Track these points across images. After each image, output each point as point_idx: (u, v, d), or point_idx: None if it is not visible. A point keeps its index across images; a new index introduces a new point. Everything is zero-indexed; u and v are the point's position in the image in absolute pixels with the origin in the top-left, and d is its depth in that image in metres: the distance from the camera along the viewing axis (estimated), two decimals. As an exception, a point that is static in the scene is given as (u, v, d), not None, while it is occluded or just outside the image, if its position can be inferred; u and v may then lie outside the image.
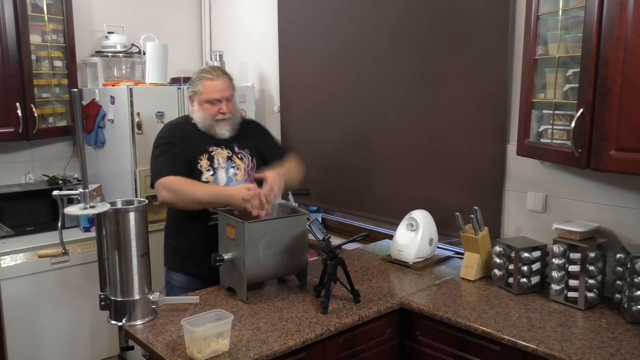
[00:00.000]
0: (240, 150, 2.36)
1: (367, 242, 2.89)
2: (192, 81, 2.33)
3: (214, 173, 2.27)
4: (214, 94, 2.25)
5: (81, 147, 1.87)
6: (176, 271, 2.37)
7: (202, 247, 2.26)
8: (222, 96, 2.26)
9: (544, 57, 2.04)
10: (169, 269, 2.41)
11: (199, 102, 2.28)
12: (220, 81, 2.27)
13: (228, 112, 2.28)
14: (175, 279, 2.37)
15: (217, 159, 2.29)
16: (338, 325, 1.87)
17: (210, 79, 2.26)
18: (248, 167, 2.37)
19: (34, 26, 3.09)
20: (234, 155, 2.34)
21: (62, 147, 3.52)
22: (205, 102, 2.27)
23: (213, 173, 2.27)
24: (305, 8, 3.28)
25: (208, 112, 2.27)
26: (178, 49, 3.87)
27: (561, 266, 2.03)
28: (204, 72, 2.30)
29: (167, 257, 2.42)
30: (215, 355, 1.63)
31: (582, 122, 1.80)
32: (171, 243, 2.39)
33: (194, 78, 2.33)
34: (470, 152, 2.55)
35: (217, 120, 2.28)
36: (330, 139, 3.21)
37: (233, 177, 2.31)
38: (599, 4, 1.72)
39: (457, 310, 1.98)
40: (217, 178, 2.28)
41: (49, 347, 2.99)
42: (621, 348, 1.69)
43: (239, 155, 2.35)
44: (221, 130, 2.29)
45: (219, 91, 2.26)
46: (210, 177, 2.27)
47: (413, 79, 2.75)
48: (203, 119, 2.28)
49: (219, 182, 2.28)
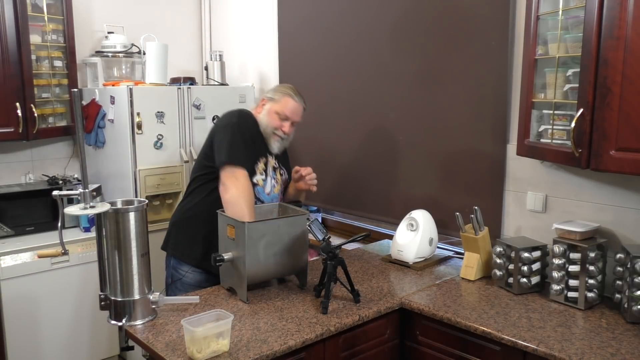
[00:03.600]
0: (281, 167, 2.47)
1: (367, 242, 2.90)
2: (277, 91, 2.41)
3: (265, 177, 2.35)
4: (290, 113, 2.35)
5: (81, 147, 1.87)
6: (196, 266, 2.28)
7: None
8: (292, 118, 2.37)
9: (544, 57, 2.04)
10: (183, 264, 2.30)
11: (271, 110, 2.35)
12: (300, 106, 2.39)
13: (288, 133, 2.38)
14: (189, 276, 2.28)
15: (269, 167, 2.37)
16: (338, 325, 1.87)
17: (294, 99, 2.37)
18: (284, 183, 2.49)
19: (34, 26, 3.09)
20: (278, 169, 2.44)
21: (62, 147, 3.52)
22: (276, 114, 2.34)
23: (265, 177, 2.35)
24: (305, 8, 3.28)
25: (273, 123, 2.34)
26: (178, 49, 3.87)
27: (561, 266, 2.03)
28: (292, 91, 2.40)
29: (184, 250, 2.31)
30: (215, 355, 1.63)
31: (582, 122, 1.80)
32: (196, 233, 2.28)
33: (279, 89, 2.42)
34: (470, 152, 2.55)
35: (275, 134, 2.35)
36: (331, 138, 3.21)
37: (272, 188, 2.39)
38: (599, 4, 1.72)
39: (457, 310, 1.98)
40: (266, 184, 2.36)
41: (49, 347, 2.99)
42: (621, 348, 1.69)
43: (281, 171, 2.46)
44: (273, 145, 2.38)
45: (294, 113, 2.37)
46: (261, 181, 2.34)
47: (413, 78, 2.75)
48: (266, 125, 2.35)
49: (265, 187, 2.35)
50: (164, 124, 3.13)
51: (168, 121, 3.15)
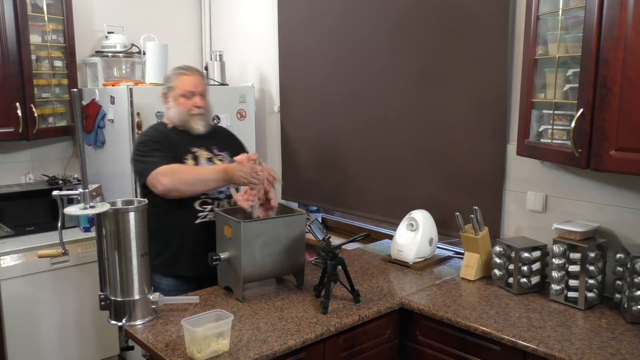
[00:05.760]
0: (219, 153, 2.38)
1: (367, 242, 2.90)
2: (167, 78, 2.39)
3: None
4: (189, 87, 2.30)
5: (81, 147, 1.87)
6: (164, 275, 2.29)
7: (189, 245, 2.25)
8: (196, 90, 2.32)
9: (544, 57, 2.04)
10: (155, 273, 2.27)
11: (174, 97, 2.32)
12: (195, 77, 2.34)
13: (202, 106, 2.33)
14: (163, 284, 2.28)
15: (200, 160, 2.30)
16: (338, 325, 1.87)
17: (185, 74, 2.33)
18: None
19: (34, 26, 3.09)
20: (213, 157, 2.35)
21: (62, 147, 3.52)
22: (181, 97, 2.31)
23: None
24: (305, 8, 3.28)
25: (183, 107, 2.31)
26: (178, 49, 3.86)
27: (561, 266, 2.03)
28: (179, 69, 2.37)
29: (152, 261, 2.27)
30: (215, 355, 1.63)
31: (582, 122, 1.80)
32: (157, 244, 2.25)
33: (167, 75, 2.41)
34: (470, 152, 2.55)
35: (192, 115, 2.31)
36: (330, 138, 3.21)
37: None
38: (599, 4, 1.72)
39: (457, 310, 1.98)
40: None
41: (49, 347, 2.99)
42: (621, 348, 1.69)
43: (219, 157, 2.36)
44: (196, 125, 2.32)
45: (194, 85, 2.32)
46: None
47: (413, 78, 2.75)
48: (179, 113, 2.31)
49: None
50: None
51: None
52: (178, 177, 2.13)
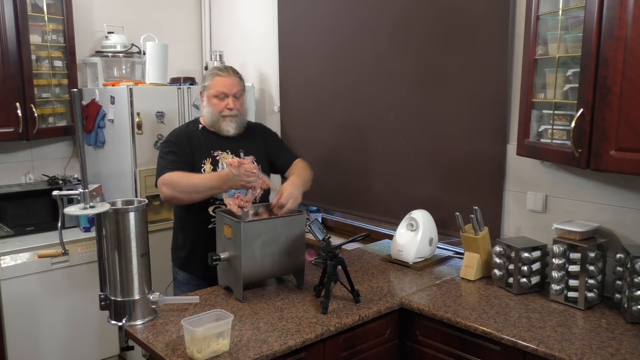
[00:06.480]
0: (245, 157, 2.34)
1: (367, 242, 2.89)
2: (205, 78, 2.36)
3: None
4: (222, 88, 2.28)
5: (81, 147, 1.87)
6: (180, 269, 2.41)
7: (201, 248, 2.27)
8: (230, 92, 2.29)
9: (544, 57, 2.04)
10: (175, 266, 2.45)
11: (208, 97, 2.31)
12: (229, 78, 2.31)
13: (235, 108, 2.30)
14: (180, 276, 2.42)
15: (222, 164, 2.29)
16: (338, 325, 1.87)
17: (221, 75, 2.30)
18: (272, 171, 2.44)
19: (34, 26, 3.09)
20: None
21: (62, 147, 3.52)
22: (214, 97, 2.29)
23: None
24: (305, 8, 3.28)
25: (215, 108, 2.29)
26: (178, 49, 3.87)
27: (561, 266, 2.03)
28: (216, 69, 2.36)
29: (173, 253, 2.46)
30: (215, 355, 1.63)
31: (582, 122, 1.80)
32: (177, 240, 2.43)
33: (205, 74, 2.38)
34: (470, 152, 2.55)
35: (223, 116, 2.29)
36: (330, 138, 3.21)
37: None
38: (599, 4, 1.72)
39: (457, 310, 1.98)
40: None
41: (49, 347, 2.99)
42: (621, 348, 1.69)
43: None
44: (227, 127, 2.30)
45: (229, 86, 2.29)
46: None
47: (413, 78, 2.75)
48: (210, 114, 2.31)
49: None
50: (164, 124, 3.13)
51: (168, 121, 3.15)
52: (175, 187, 2.15)
